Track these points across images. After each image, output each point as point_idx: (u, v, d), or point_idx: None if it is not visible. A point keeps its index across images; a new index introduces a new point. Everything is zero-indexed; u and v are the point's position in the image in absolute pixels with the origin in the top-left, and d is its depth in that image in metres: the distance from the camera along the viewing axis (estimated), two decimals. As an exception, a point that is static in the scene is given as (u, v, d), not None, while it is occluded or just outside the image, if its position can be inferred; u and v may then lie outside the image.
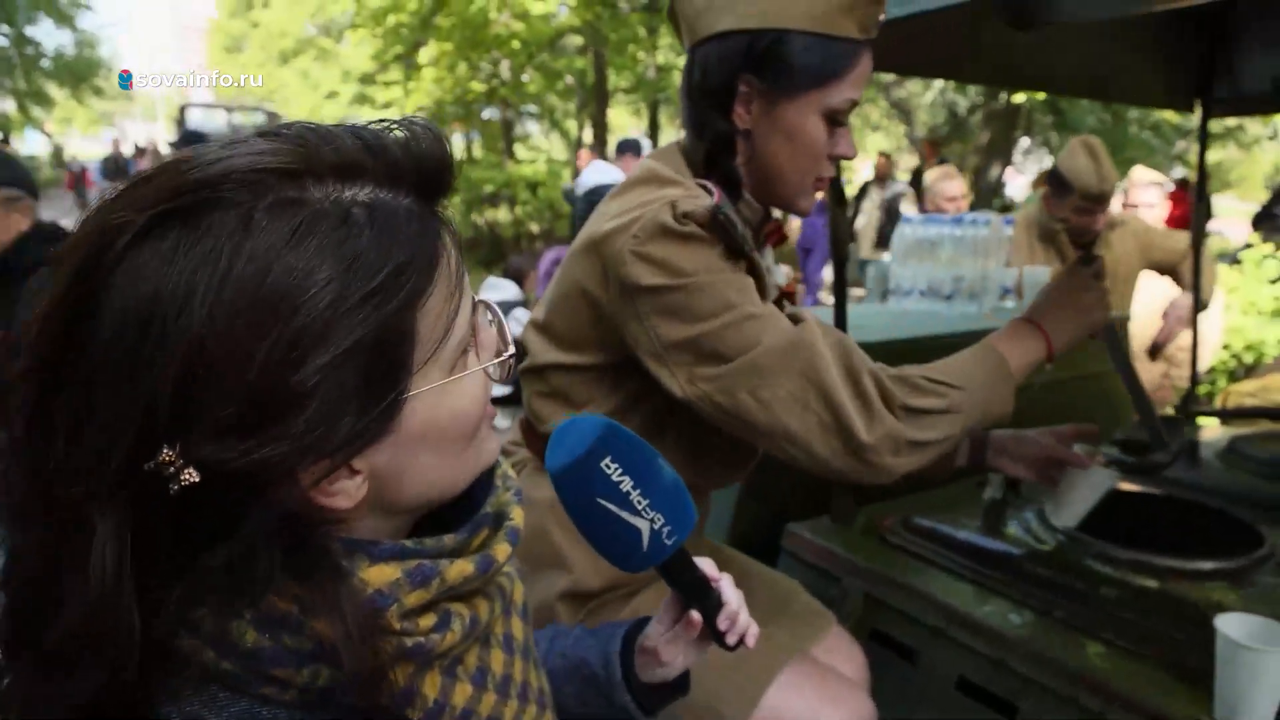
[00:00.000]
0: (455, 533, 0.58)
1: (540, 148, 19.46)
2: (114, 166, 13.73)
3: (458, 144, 18.89)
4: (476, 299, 0.58)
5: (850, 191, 7.51)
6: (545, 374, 1.11)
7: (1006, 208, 12.30)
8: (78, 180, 14.37)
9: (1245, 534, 1.40)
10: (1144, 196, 3.33)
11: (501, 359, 0.59)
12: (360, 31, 15.43)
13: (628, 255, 0.96)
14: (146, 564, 0.46)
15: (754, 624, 0.73)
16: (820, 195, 1.16)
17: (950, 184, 3.99)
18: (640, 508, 0.65)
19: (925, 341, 2.01)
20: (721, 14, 1.02)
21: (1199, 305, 2.37)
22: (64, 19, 19.33)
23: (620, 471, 0.64)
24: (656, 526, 0.66)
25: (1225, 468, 1.87)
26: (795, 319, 0.99)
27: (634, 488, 0.65)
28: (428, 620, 0.53)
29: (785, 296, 1.23)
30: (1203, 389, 3.58)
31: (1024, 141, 15.69)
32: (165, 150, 14.62)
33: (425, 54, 14.60)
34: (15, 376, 0.47)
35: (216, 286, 0.45)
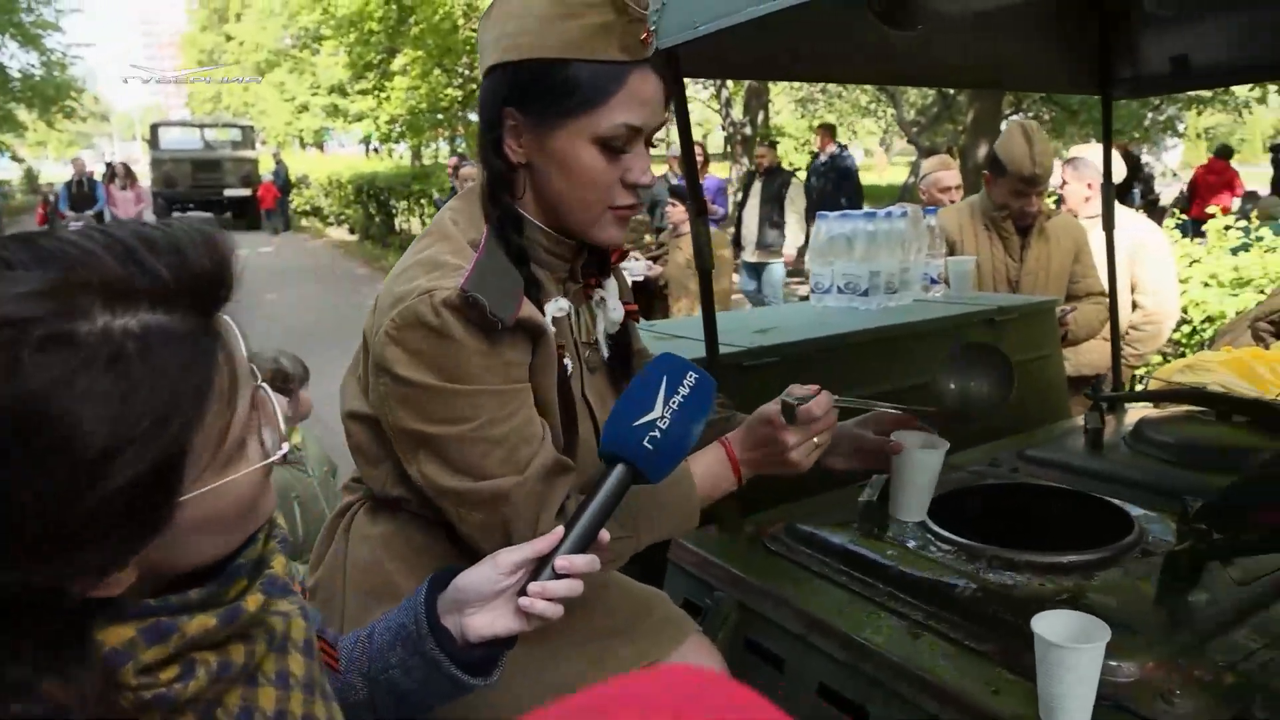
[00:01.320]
0: (203, 588, 0.59)
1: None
2: (79, 191, 12.33)
3: (441, 150, 18.65)
4: (257, 385, 0.60)
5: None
6: (348, 422, 1.11)
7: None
8: (51, 212, 12.62)
9: (1117, 522, 1.41)
10: (1058, 177, 2.96)
11: (274, 458, 0.60)
12: (332, 42, 15.38)
13: (384, 335, 0.97)
14: None
15: (551, 608, 0.82)
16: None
17: (945, 174, 3.76)
18: (667, 408, 0.87)
19: (839, 339, 2.01)
20: (488, 52, 1.03)
21: (1114, 288, 2.38)
22: (30, 40, 18.87)
23: (687, 390, 0.88)
24: (662, 426, 0.86)
25: (1131, 453, 1.88)
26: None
27: (681, 402, 0.87)
28: (170, 672, 0.55)
29: (630, 316, 1.23)
30: (1150, 367, 3.58)
31: (1014, 119, 15.50)
32: (139, 169, 14.25)
33: (397, 62, 14.55)
34: None
35: None
